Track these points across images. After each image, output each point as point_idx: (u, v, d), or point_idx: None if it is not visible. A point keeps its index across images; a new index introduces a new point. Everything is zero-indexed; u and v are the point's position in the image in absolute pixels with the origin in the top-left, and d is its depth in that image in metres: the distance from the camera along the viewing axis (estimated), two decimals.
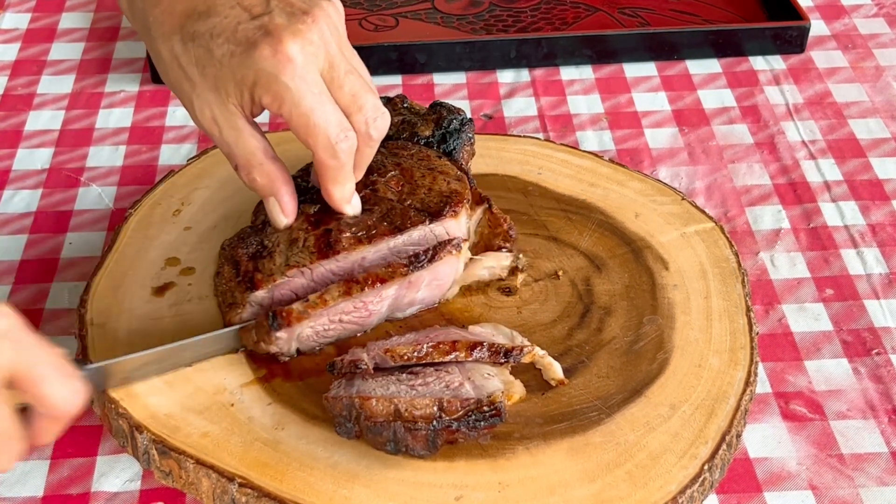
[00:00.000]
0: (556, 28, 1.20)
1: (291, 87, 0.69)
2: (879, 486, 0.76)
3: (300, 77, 0.69)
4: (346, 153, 0.72)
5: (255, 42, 0.69)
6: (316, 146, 0.71)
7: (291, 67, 0.69)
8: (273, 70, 0.69)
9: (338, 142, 0.71)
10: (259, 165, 0.73)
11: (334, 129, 0.71)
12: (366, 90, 0.73)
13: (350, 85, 0.72)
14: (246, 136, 0.72)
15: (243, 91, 0.70)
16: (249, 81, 0.70)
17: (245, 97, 0.71)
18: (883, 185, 1.01)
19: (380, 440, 0.69)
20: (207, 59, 0.71)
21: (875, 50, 1.19)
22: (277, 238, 0.76)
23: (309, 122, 0.70)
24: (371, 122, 0.73)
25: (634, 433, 0.73)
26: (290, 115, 0.70)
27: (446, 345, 0.73)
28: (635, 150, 1.05)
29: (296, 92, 0.69)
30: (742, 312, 0.82)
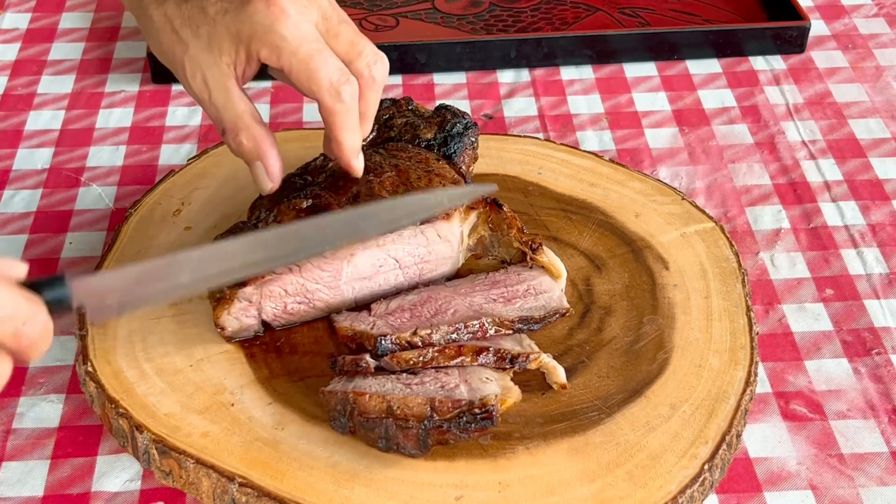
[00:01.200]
0: (556, 28, 1.20)
1: (288, 36, 0.70)
2: (879, 486, 0.76)
3: (295, 26, 0.70)
4: (350, 96, 0.72)
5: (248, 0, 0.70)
6: (320, 91, 0.72)
7: (285, 18, 0.70)
8: (268, 22, 0.70)
9: (341, 84, 0.72)
10: (246, 128, 0.73)
11: (335, 73, 0.72)
12: (361, 37, 0.74)
13: (345, 33, 0.73)
14: (235, 98, 0.73)
15: (238, 47, 0.71)
16: (245, 36, 0.71)
17: (240, 54, 0.72)
18: (883, 185, 1.01)
19: (372, 436, 0.70)
20: (201, 18, 0.72)
21: (875, 50, 1.19)
22: None
23: (310, 68, 0.71)
24: (372, 64, 0.74)
25: (634, 433, 0.73)
26: (290, 64, 0.71)
27: (452, 349, 0.73)
28: (635, 150, 1.05)
29: (293, 41, 0.70)
30: (742, 312, 0.82)
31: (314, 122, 1.08)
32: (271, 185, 0.75)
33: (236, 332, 0.78)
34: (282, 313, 0.78)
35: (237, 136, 0.74)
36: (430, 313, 0.76)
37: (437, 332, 0.74)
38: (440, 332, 0.74)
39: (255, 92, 1.12)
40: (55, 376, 0.83)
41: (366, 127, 0.76)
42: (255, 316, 0.77)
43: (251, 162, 0.75)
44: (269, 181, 0.75)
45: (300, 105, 1.11)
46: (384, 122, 0.87)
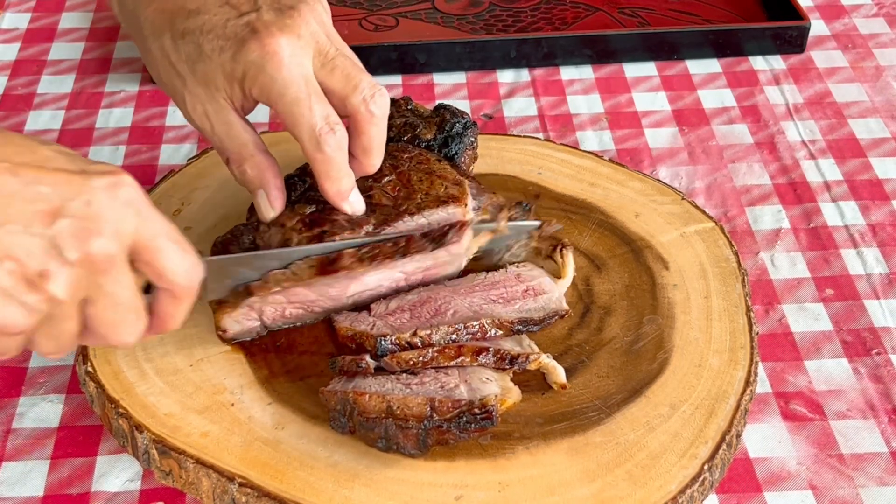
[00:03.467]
0: (556, 28, 1.20)
1: (277, 78, 0.70)
2: (879, 486, 0.76)
3: (286, 69, 0.70)
4: (332, 146, 0.72)
5: (243, 38, 0.71)
6: (301, 137, 0.72)
7: (277, 60, 0.70)
8: (261, 62, 0.70)
9: (322, 133, 0.71)
10: (250, 157, 0.74)
11: (319, 121, 0.71)
12: (359, 70, 0.74)
13: (342, 67, 0.73)
14: (237, 129, 0.73)
15: (233, 85, 0.72)
16: (239, 75, 0.71)
17: (235, 91, 0.72)
18: (883, 185, 1.01)
19: (371, 436, 0.70)
20: (197, 56, 0.72)
21: (875, 50, 1.19)
22: (270, 237, 0.76)
23: (294, 113, 0.71)
24: (370, 99, 0.73)
25: (634, 433, 0.73)
26: (277, 107, 0.71)
27: (452, 350, 0.73)
28: (635, 150, 1.05)
29: (280, 83, 0.70)
30: (742, 312, 0.82)
31: None
32: (273, 213, 0.76)
33: (237, 335, 0.78)
34: (280, 317, 0.78)
35: (241, 166, 0.74)
36: (429, 314, 0.76)
37: (436, 332, 0.74)
38: (440, 332, 0.74)
39: None
40: (55, 376, 0.83)
41: (373, 161, 0.75)
42: (256, 318, 0.77)
43: (254, 190, 0.75)
44: (271, 210, 0.76)
45: None
46: None
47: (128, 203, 0.59)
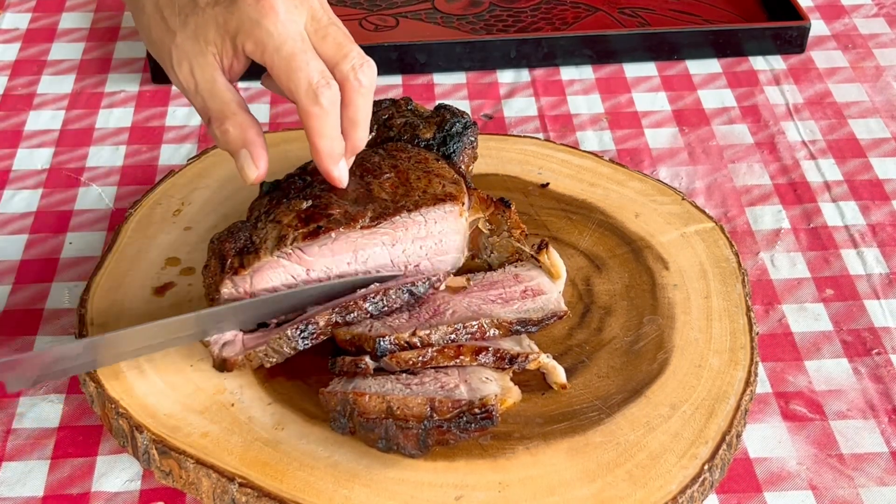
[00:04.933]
0: (556, 28, 1.20)
1: (273, 32, 0.70)
2: (879, 486, 0.76)
3: (282, 23, 0.70)
4: (328, 100, 0.71)
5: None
6: (297, 91, 0.71)
7: (273, 14, 0.70)
8: (256, 16, 0.70)
9: (320, 86, 0.71)
10: (233, 115, 0.73)
11: (316, 75, 0.71)
12: (350, 40, 0.74)
13: (333, 35, 0.73)
14: (221, 86, 0.73)
15: (225, 39, 0.71)
16: (232, 28, 0.71)
17: (226, 46, 0.72)
18: (883, 185, 1.01)
19: (372, 437, 0.70)
20: (191, 8, 0.72)
21: (875, 50, 1.19)
22: (266, 234, 0.76)
23: (290, 67, 0.71)
24: (358, 68, 0.73)
25: (634, 433, 0.73)
26: (273, 61, 0.71)
27: (451, 350, 0.73)
28: (635, 150, 1.05)
29: (278, 37, 0.70)
30: (742, 312, 0.82)
31: None
32: (257, 172, 0.74)
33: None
34: None
35: (223, 125, 0.73)
36: (428, 314, 0.76)
37: (435, 332, 0.74)
38: (439, 332, 0.74)
39: (256, 92, 1.12)
40: None
41: (360, 134, 0.75)
42: None
43: (237, 150, 0.74)
44: (254, 169, 0.74)
45: None
46: (383, 122, 0.87)
47: None
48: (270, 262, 0.76)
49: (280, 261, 0.76)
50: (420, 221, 0.78)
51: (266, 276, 0.76)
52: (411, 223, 0.78)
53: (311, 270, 0.77)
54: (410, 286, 0.77)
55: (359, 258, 0.78)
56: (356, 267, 0.78)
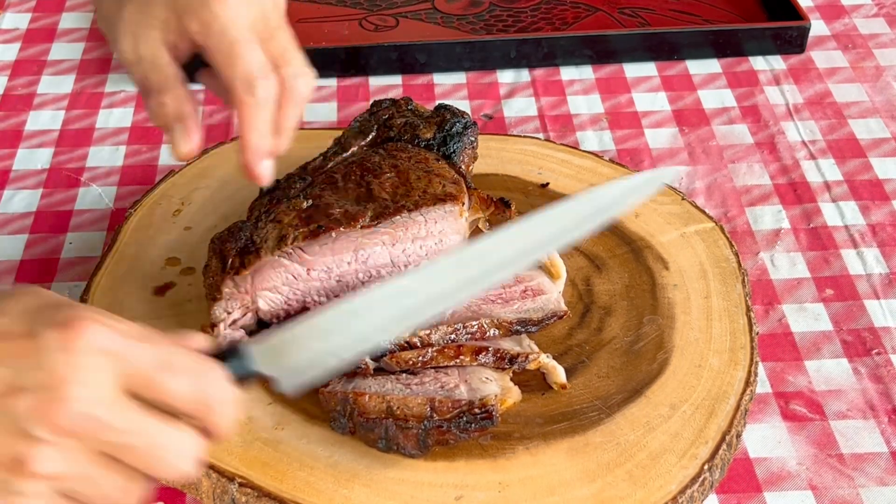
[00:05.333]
0: (556, 28, 1.20)
1: (220, 15, 0.69)
2: (879, 486, 0.76)
3: (231, 9, 0.69)
4: (264, 91, 0.70)
5: None
6: (234, 78, 0.70)
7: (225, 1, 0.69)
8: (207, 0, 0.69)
9: (258, 78, 0.70)
10: (173, 89, 0.72)
11: (256, 65, 0.70)
12: (295, 49, 0.73)
13: (280, 38, 0.72)
14: (164, 60, 0.72)
15: (171, 16, 0.70)
16: (180, 6, 0.70)
17: (171, 23, 0.71)
18: (883, 185, 1.01)
19: (372, 437, 0.70)
20: None
21: (875, 50, 1.19)
22: (266, 233, 0.76)
23: (232, 52, 0.70)
24: (297, 76, 0.72)
25: (634, 433, 0.73)
26: (215, 44, 0.70)
27: (451, 349, 0.73)
28: (635, 150, 1.05)
29: (224, 21, 0.69)
30: (742, 312, 0.82)
31: (315, 122, 1.08)
32: (189, 146, 0.73)
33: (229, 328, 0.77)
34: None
35: (162, 97, 0.72)
36: None
37: (435, 332, 0.74)
38: (439, 332, 0.74)
39: None
40: None
41: (282, 142, 0.73)
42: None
43: (171, 124, 0.73)
44: (188, 142, 0.73)
45: None
46: (383, 122, 0.87)
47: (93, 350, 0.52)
48: (271, 262, 0.76)
49: (281, 260, 0.76)
50: (420, 221, 0.79)
51: (267, 275, 0.76)
52: (411, 223, 0.78)
53: (311, 270, 0.77)
54: None
55: (359, 258, 0.78)
56: (356, 266, 0.79)
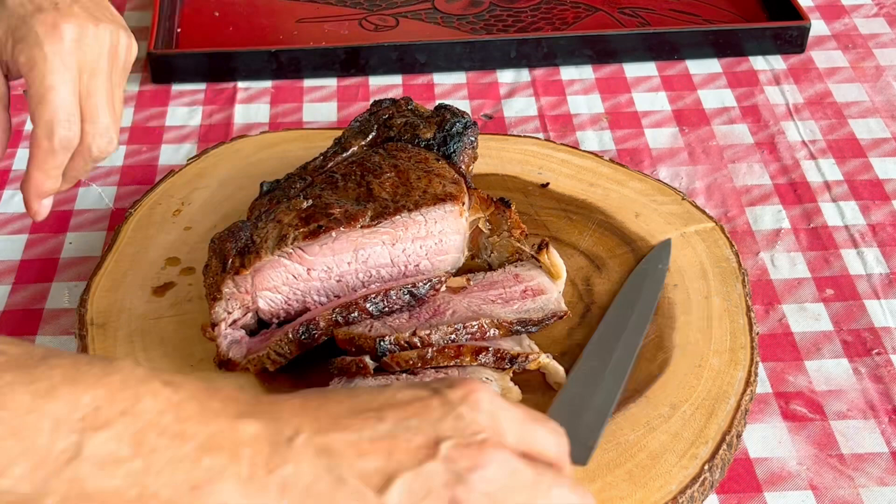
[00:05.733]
0: (556, 28, 1.20)
1: (49, 59, 0.72)
2: (879, 486, 0.76)
3: (61, 57, 0.72)
4: (62, 141, 0.73)
5: (43, 9, 0.72)
6: (39, 121, 0.73)
7: (59, 45, 0.72)
8: (42, 36, 0.72)
9: (59, 124, 0.73)
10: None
11: (63, 113, 0.73)
12: (108, 112, 0.76)
13: (98, 98, 0.75)
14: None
15: (8, 39, 0.73)
16: (19, 35, 0.72)
17: (7, 46, 0.73)
18: (883, 185, 1.01)
19: None
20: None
21: (875, 50, 1.19)
22: (266, 233, 0.76)
23: (44, 95, 0.72)
24: (96, 136, 0.75)
25: (634, 433, 0.73)
26: (33, 82, 0.72)
27: (451, 350, 0.73)
28: (635, 150, 1.05)
29: (49, 65, 0.72)
30: (742, 312, 0.82)
31: (314, 121, 1.08)
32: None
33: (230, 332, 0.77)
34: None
35: None
36: (428, 314, 0.76)
37: (436, 332, 0.74)
38: (439, 332, 0.74)
39: (256, 92, 1.12)
40: None
41: (63, 186, 0.76)
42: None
43: None
44: None
45: (300, 105, 1.11)
46: (383, 122, 0.87)
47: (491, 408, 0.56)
48: (271, 262, 0.76)
49: (281, 260, 0.76)
50: (420, 221, 0.79)
51: (267, 275, 0.76)
52: (411, 223, 0.78)
53: (311, 270, 0.77)
54: (411, 287, 0.77)
55: (359, 257, 0.78)
56: (356, 266, 0.79)
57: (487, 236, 0.82)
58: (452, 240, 0.81)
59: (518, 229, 0.81)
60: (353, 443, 0.53)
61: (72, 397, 0.50)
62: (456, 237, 0.81)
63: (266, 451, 0.52)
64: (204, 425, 0.52)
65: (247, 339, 0.77)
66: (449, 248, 0.81)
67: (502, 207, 0.81)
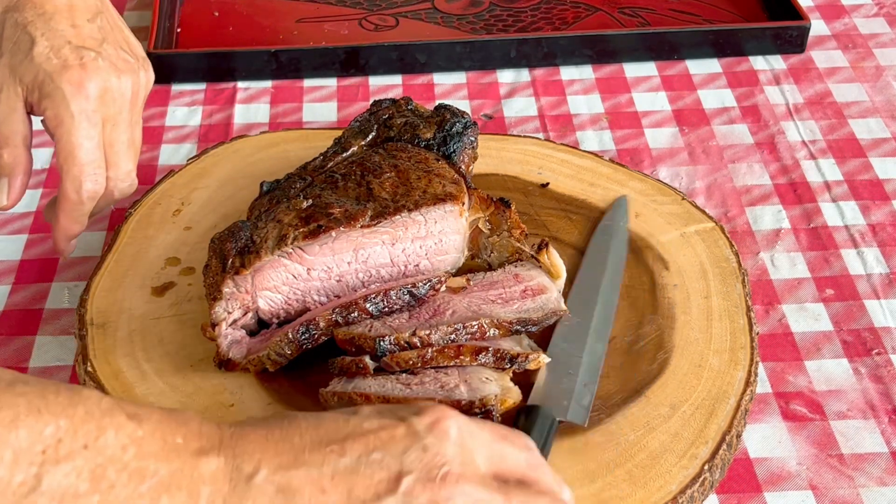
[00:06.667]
0: (556, 28, 1.20)
1: (76, 118, 0.75)
2: (879, 486, 0.76)
3: (87, 115, 0.75)
4: (89, 193, 0.77)
5: (69, 66, 0.74)
6: (67, 175, 0.76)
7: (85, 102, 0.75)
8: (69, 95, 0.74)
9: (87, 178, 0.76)
10: (14, 147, 0.77)
11: (90, 168, 0.76)
12: (129, 159, 0.78)
13: (119, 147, 0.77)
14: (18, 117, 0.76)
15: (35, 91, 0.75)
16: (45, 90, 0.75)
17: (34, 97, 0.75)
18: (883, 185, 1.01)
19: None
20: (25, 47, 0.75)
21: (875, 50, 1.19)
22: (266, 233, 0.76)
23: (72, 153, 0.75)
24: (118, 182, 0.78)
25: (634, 433, 0.73)
26: (61, 139, 0.75)
27: (451, 350, 0.73)
28: (635, 150, 1.05)
29: (76, 123, 0.75)
30: (742, 312, 0.82)
31: (314, 121, 1.08)
32: (6, 202, 0.78)
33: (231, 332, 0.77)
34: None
35: (1, 149, 0.77)
36: (428, 314, 0.76)
37: (435, 332, 0.74)
38: (439, 332, 0.74)
39: (255, 92, 1.12)
40: (55, 376, 0.83)
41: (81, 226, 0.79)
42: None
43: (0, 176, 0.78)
44: (5, 197, 0.78)
45: (300, 105, 1.11)
46: (383, 122, 0.87)
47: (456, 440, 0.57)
48: (272, 262, 0.76)
49: (281, 260, 0.76)
50: (420, 221, 0.79)
51: (267, 275, 0.76)
52: (411, 223, 0.78)
53: (311, 270, 0.77)
54: (411, 287, 0.77)
55: (359, 257, 0.78)
56: (356, 266, 0.79)
57: (487, 236, 0.82)
58: (452, 240, 0.81)
59: (518, 229, 0.81)
60: (313, 479, 0.54)
61: (35, 428, 0.50)
62: (456, 237, 0.81)
63: (225, 489, 0.53)
64: (165, 462, 0.52)
65: (247, 339, 0.77)
66: (449, 247, 0.81)
67: (502, 207, 0.81)
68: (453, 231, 0.80)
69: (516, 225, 0.81)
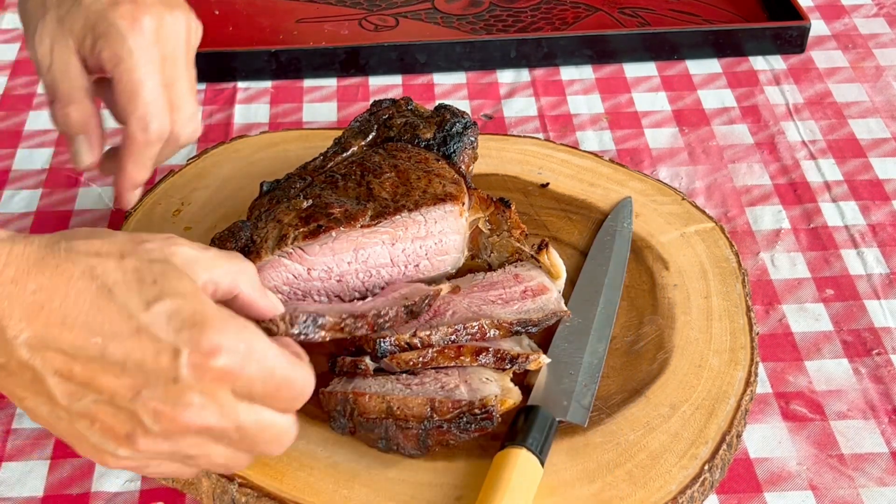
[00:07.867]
0: (556, 28, 1.20)
1: (134, 53, 0.72)
2: (879, 486, 0.76)
3: (145, 49, 0.72)
4: (156, 132, 0.74)
5: (120, 2, 0.72)
6: (133, 114, 0.73)
7: (142, 38, 0.72)
8: (124, 31, 0.71)
9: (153, 117, 0.73)
10: (80, 101, 0.75)
11: (155, 106, 0.73)
12: (191, 97, 0.76)
13: (181, 86, 0.75)
14: (75, 70, 0.74)
15: (87, 36, 0.72)
16: (99, 31, 0.72)
17: (87, 42, 0.73)
18: (883, 185, 1.01)
19: (372, 437, 0.70)
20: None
21: (875, 50, 1.19)
22: (267, 233, 0.76)
23: (136, 90, 0.72)
24: (185, 123, 0.75)
25: (634, 433, 0.73)
26: (122, 78, 0.72)
27: (451, 350, 0.73)
28: (635, 150, 1.05)
29: (136, 59, 0.72)
30: (742, 312, 0.82)
31: (314, 121, 1.08)
32: (91, 159, 0.76)
33: None
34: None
35: (67, 107, 0.75)
36: (428, 315, 0.76)
37: (436, 333, 0.74)
38: (439, 333, 0.74)
39: (255, 92, 1.12)
40: None
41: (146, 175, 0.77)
42: None
43: (75, 135, 0.76)
44: (90, 155, 0.76)
45: (300, 105, 1.11)
46: (383, 122, 0.87)
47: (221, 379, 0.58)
48: (272, 262, 0.76)
49: (281, 260, 0.76)
50: (420, 221, 0.79)
51: (267, 275, 0.76)
52: (411, 223, 0.78)
53: (311, 270, 0.77)
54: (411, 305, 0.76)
55: (359, 257, 0.78)
56: (357, 266, 0.79)
57: (487, 236, 0.82)
58: (452, 240, 0.81)
59: (518, 229, 0.81)
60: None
61: None
62: (456, 237, 0.81)
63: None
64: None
65: None
66: (449, 248, 0.81)
67: (502, 207, 0.81)
68: (453, 231, 0.80)
69: (516, 225, 0.81)
